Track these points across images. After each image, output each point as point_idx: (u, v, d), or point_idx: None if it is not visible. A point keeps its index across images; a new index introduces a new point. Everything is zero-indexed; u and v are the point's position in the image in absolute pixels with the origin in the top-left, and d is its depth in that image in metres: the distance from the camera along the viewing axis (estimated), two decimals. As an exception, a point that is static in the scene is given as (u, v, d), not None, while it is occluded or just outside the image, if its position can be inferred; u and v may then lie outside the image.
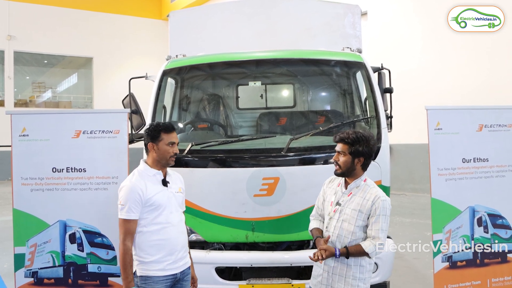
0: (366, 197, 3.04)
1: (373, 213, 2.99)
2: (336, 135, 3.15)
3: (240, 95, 5.72)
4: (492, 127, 4.46)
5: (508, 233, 4.45)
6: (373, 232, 2.98)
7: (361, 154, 3.04)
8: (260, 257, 4.02)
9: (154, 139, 3.08)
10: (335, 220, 3.11)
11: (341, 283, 3.05)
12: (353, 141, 3.02)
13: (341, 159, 3.07)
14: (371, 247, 2.95)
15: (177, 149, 3.14)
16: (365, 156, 3.06)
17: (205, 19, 5.55)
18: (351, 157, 3.04)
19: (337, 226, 3.09)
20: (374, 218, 2.98)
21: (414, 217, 10.23)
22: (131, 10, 25.47)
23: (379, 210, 2.97)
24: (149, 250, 3.02)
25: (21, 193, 4.14)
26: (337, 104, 5.24)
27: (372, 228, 2.98)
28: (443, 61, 13.24)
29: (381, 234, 2.96)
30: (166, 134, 3.09)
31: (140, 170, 3.11)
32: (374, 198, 3.01)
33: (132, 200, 2.96)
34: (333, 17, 5.34)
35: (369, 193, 3.05)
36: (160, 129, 3.09)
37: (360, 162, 3.07)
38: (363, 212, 3.02)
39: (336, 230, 3.09)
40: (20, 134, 4.14)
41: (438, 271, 4.32)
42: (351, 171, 3.08)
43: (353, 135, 3.04)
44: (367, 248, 2.94)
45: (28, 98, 25.15)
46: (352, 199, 3.08)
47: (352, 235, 3.03)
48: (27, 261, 4.15)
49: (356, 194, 3.08)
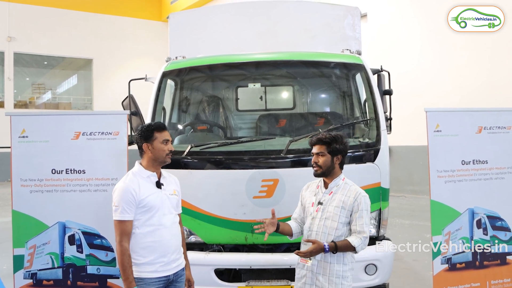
0: (347, 194, 3.17)
1: (356, 209, 3.11)
2: (311, 138, 3.33)
3: (239, 97, 5.72)
4: (492, 129, 4.47)
5: (508, 235, 4.46)
6: (358, 227, 3.09)
7: (339, 152, 3.20)
8: (260, 259, 4.02)
9: (148, 139, 3.10)
10: (318, 219, 3.21)
11: (325, 282, 3.13)
12: (330, 140, 3.19)
13: (321, 160, 3.21)
14: (358, 241, 3.05)
15: (171, 146, 3.17)
16: (342, 154, 3.23)
17: (204, 21, 5.56)
18: (330, 156, 3.20)
19: (320, 224, 3.19)
20: (358, 214, 3.10)
21: (413, 219, 10.23)
22: (131, 12, 25.50)
23: (361, 206, 3.11)
24: (141, 252, 3.03)
25: (21, 194, 4.13)
26: (337, 106, 5.25)
27: (357, 223, 3.10)
28: (442, 62, 13.25)
29: (365, 228, 3.09)
30: (159, 132, 3.11)
31: (134, 172, 3.12)
32: (356, 194, 3.15)
33: (125, 201, 2.97)
34: (333, 19, 5.35)
35: (350, 190, 3.19)
36: (152, 129, 3.12)
37: (338, 160, 3.22)
38: (345, 209, 3.14)
39: (320, 228, 3.18)
40: (20, 136, 4.13)
41: (438, 273, 4.31)
42: (331, 170, 3.23)
43: (330, 135, 3.22)
44: (354, 242, 3.04)
45: (28, 100, 25.15)
46: (334, 197, 3.21)
47: (335, 231, 3.13)
48: (26, 263, 4.14)
49: (337, 192, 3.21)
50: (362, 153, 4.14)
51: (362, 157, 4.12)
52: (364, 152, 4.13)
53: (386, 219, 4.18)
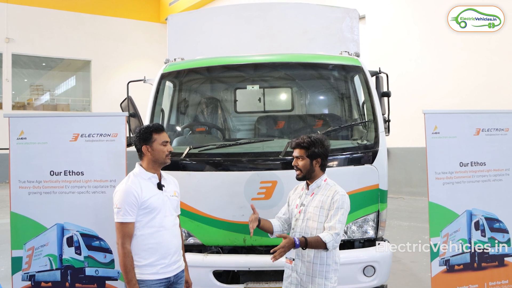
0: (326, 194, 3.21)
1: (332, 206, 3.14)
2: (291, 141, 3.36)
3: (238, 99, 5.72)
4: (490, 131, 4.47)
5: (505, 237, 4.46)
6: (332, 223, 3.10)
7: (317, 155, 3.23)
8: (258, 261, 4.02)
9: (147, 141, 3.12)
10: (301, 220, 3.27)
11: (308, 282, 3.17)
12: (308, 144, 3.23)
13: (300, 163, 3.25)
14: (329, 237, 3.04)
15: (171, 147, 3.19)
16: (321, 157, 3.25)
17: (203, 23, 5.57)
18: (309, 159, 3.23)
19: (302, 225, 3.24)
20: (333, 211, 3.12)
21: (412, 220, 10.24)
22: (129, 13, 25.48)
23: (337, 204, 3.12)
24: (142, 254, 3.03)
25: (19, 196, 4.13)
26: (335, 108, 5.25)
27: (331, 220, 3.11)
28: (441, 64, 13.25)
29: (337, 225, 3.08)
30: (158, 134, 3.13)
31: (135, 173, 3.13)
32: (333, 193, 3.17)
33: (127, 203, 2.98)
34: (331, 21, 5.37)
35: (329, 190, 3.23)
36: (151, 131, 3.14)
37: (318, 163, 3.25)
38: (324, 208, 3.17)
39: (302, 229, 3.24)
40: (18, 137, 4.13)
41: (436, 274, 4.32)
42: (311, 173, 3.26)
43: (308, 139, 3.25)
44: (324, 238, 3.04)
45: (26, 101, 25.15)
46: (314, 198, 3.25)
47: (316, 231, 3.16)
48: (25, 265, 4.14)
49: (318, 193, 3.26)
50: (361, 155, 4.15)
51: (360, 159, 4.13)
52: (363, 154, 4.13)
53: (384, 221, 4.18)
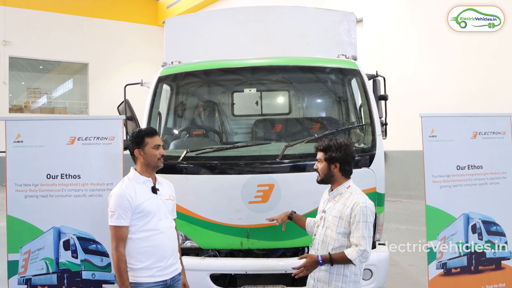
0: (346, 204, 3.07)
1: (353, 220, 3.01)
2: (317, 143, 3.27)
3: (235, 102, 5.73)
4: (487, 134, 4.48)
5: (502, 240, 4.47)
6: (355, 240, 2.98)
7: (335, 160, 3.12)
8: (255, 264, 4.01)
9: (139, 145, 3.14)
10: (321, 227, 3.19)
11: None
12: (325, 148, 3.15)
13: (319, 166, 3.19)
14: (354, 254, 2.95)
15: (163, 151, 3.21)
16: (339, 162, 3.13)
17: (201, 26, 5.56)
18: (327, 163, 3.15)
19: (321, 233, 3.17)
20: (355, 225, 3.00)
21: (409, 223, 10.24)
22: (126, 16, 25.49)
23: (358, 217, 2.98)
24: (138, 257, 3.05)
25: (15, 199, 4.11)
26: (332, 111, 5.26)
27: (354, 236, 3.00)
28: (439, 67, 13.24)
29: (362, 241, 2.96)
30: (150, 138, 3.16)
31: (130, 177, 3.16)
32: (353, 205, 3.03)
33: (121, 206, 3.00)
34: (329, 25, 5.37)
35: (350, 199, 3.08)
36: (143, 134, 3.16)
37: (336, 168, 3.14)
38: (343, 219, 3.05)
39: (321, 237, 3.16)
40: (15, 140, 4.11)
41: (433, 278, 4.32)
42: (330, 177, 3.18)
43: (326, 142, 3.17)
44: (350, 255, 2.95)
45: (23, 104, 25.10)
46: (335, 206, 3.14)
47: (335, 242, 3.07)
48: (21, 268, 4.11)
49: (339, 201, 3.13)
50: (358, 158, 4.14)
51: (358, 162, 4.12)
52: (360, 157, 4.13)
53: (381, 224, 4.18)
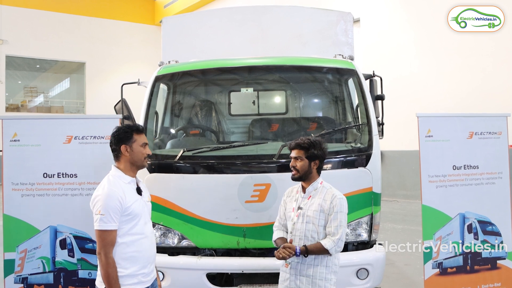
0: (324, 198, 3.21)
1: (331, 211, 3.15)
2: (291, 142, 3.36)
3: (232, 101, 5.72)
4: (483, 134, 4.51)
5: (498, 240, 4.49)
6: (332, 229, 3.13)
7: (316, 157, 3.24)
8: (251, 263, 4.02)
9: (126, 141, 2.91)
10: (299, 223, 3.26)
11: (308, 284, 3.17)
12: (308, 145, 3.23)
13: (299, 164, 3.25)
14: (330, 243, 3.09)
15: (149, 150, 3.01)
16: (319, 159, 3.27)
17: (198, 25, 5.56)
18: (308, 161, 3.24)
19: (301, 229, 3.23)
20: (333, 216, 3.15)
21: (405, 223, 10.26)
22: (124, 15, 25.46)
23: (336, 208, 3.15)
24: (123, 263, 2.82)
25: (12, 198, 4.12)
26: (329, 110, 5.27)
27: (331, 225, 3.14)
28: (436, 67, 13.25)
29: (339, 230, 3.11)
30: (138, 135, 2.95)
31: (114, 176, 2.90)
32: (332, 197, 3.19)
33: (112, 208, 2.75)
34: (326, 25, 5.38)
35: (327, 193, 3.23)
36: (132, 130, 2.95)
37: (316, 165, 3.27)
38: (324, 212, 3.18)
39: (302, 233, 3.23)
40: (11, 139, 4.12)
41: (429, 277, 4.34)
42: (308, 174, 3.27)
43: (308, 140, 3.25)
44: (326, 245, 3.08)
45: (20, 103, 25.06)
46: (312, 201, 3.25)
47: (318, 234, 3.18)
48: (17, 267, 4.12)
49: (315, 196, 3.25)
50: (354, 158, 4.15)
51: (354, 162, 4.13)
52: (356, 157, 4.14)
53: (378, 224, 4.19)
